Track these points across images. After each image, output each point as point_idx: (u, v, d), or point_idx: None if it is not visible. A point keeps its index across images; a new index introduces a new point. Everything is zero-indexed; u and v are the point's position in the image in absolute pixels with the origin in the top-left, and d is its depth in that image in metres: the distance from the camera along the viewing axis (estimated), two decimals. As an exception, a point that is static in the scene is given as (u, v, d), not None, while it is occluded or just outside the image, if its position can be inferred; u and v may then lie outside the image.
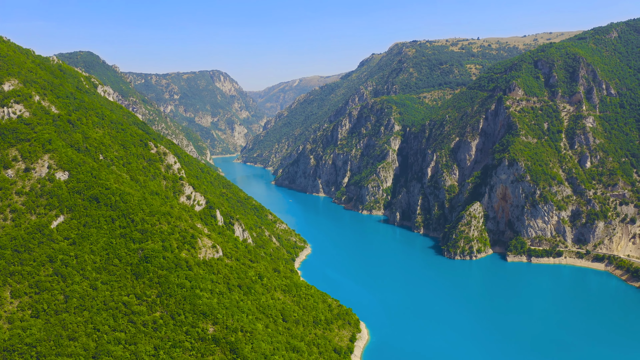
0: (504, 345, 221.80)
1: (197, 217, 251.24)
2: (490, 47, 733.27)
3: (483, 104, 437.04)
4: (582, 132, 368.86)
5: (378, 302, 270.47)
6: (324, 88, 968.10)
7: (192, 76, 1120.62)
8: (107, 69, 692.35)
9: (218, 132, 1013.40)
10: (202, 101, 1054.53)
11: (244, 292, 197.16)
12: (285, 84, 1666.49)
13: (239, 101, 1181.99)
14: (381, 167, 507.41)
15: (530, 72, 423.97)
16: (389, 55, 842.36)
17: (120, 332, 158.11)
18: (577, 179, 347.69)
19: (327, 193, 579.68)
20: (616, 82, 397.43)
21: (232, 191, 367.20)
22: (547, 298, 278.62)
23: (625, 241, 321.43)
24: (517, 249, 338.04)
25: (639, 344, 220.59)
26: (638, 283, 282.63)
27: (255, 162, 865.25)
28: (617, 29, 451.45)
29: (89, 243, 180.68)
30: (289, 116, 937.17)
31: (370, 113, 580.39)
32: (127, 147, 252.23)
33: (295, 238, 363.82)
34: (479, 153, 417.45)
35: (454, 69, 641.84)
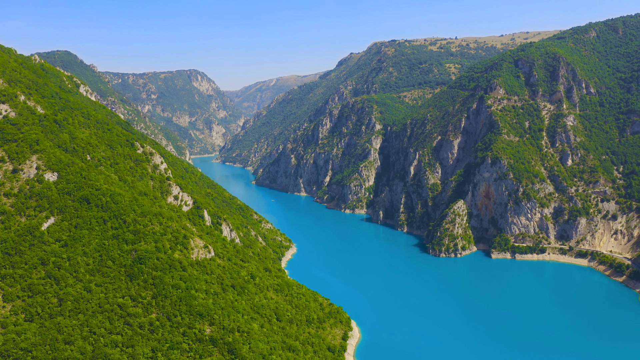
0: (491, 340, 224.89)
1: (185, 217, 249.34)
2: (468, 46, 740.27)
3: (464, 103, 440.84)
4: (563, 131, 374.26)
5: (367, 301, 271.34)
6: (302, 87, 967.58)
7: (170, 76, 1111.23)
8: (85, 68, 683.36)
9: (196, 132, 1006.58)
10: (180, 101, 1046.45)
11: (238, 292, 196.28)
12: (262, 84, 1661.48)
13: (216, 101, 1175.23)
14: (363, 166, 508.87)
15: (510, 72, 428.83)
16: (368, 54, 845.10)
17: (117, 334, 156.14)
18: (559, 176, 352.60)
19: (308, 192, 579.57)
20: (595, 81, 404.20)
21: (217, 191, 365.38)
22: (533, 294, 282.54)
23: (607, 237, 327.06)
24: (501, 245, 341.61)
25: (627, 336, 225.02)
26: (622, 278, 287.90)
27: (235, 162, 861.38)
28: (595, 29, 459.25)
29: (81, 245, 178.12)
30: (267, 115, 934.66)
31: (351, 112, 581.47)
32: (114, 148, 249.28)
33: (280, 237, 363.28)
34: (461, 151, 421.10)
35: (433, 68, 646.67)
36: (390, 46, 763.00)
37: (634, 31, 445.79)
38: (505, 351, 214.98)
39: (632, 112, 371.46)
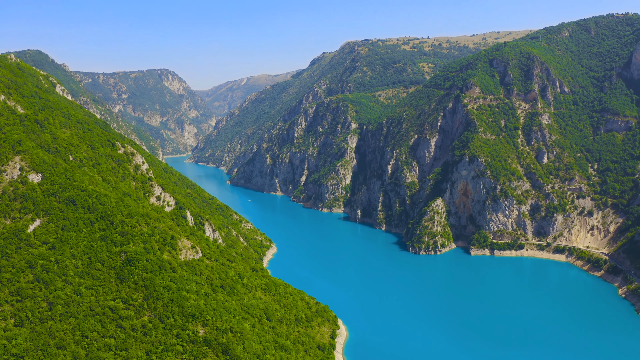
0: (474, 335, 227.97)
1: (168, 218, 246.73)
2: (441, 45, 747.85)
3: (440, 102, 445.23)
4: (538, 129, 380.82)
5: (351, 299, 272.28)
6: (275, 87, 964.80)
7: (140, 75, 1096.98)
8: (56, 67, 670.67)
9: (168, 131, 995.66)
10: (151, 100, 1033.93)
11: (227, 292, 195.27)
12: (233, 83, 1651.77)
13: (187, 100, 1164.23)
14: (340, 165, 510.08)
15: (486, 71, 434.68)
16: (341, 54, 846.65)
17: (110, 338, 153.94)
18: (535, 174, 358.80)
19: (284, 192, 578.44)
20: (569, 80, 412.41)
21: (197, 191, 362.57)
22: (514, 289, 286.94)
23: (583, 233, 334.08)
24: (480, 242, 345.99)
25: (609, 329, 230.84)
26: (599, 272, 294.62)
27: (208, 161, 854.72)
28: (568, 29, 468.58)
29: (69, 247, 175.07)
30: (240, 115, 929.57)
31: (326, 111, 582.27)
32: (95, 148, 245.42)
33: (261, 237, 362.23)
34: (438, 150, 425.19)
35: (407, 67, 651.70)
36: (363, 46, 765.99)
37: (605, 31, 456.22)
38: (488, 346, 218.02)
39: (606, 111, 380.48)
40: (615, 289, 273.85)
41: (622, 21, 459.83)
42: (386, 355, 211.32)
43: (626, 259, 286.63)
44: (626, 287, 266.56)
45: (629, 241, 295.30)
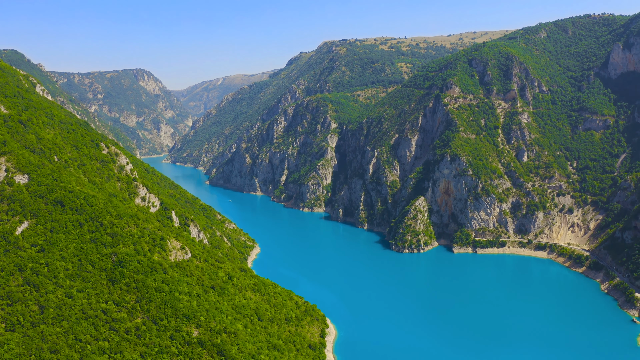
0: (460, 332, 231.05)
1: (154, 219, 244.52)
2: (418, 45, 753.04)
3: (420, 102, 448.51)
4: (518, 128, 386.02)
5: (338, 298, 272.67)
6: (252, 87, 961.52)
7: (116, 75, 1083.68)
8: (32, 67, 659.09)
9: (144, 132, 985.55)
10: (127, 101, 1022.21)
11: (218, 293, 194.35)
12: (209, 83, 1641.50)
13: (163, 100, 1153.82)
14: (320, 164, 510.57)
15: (465, 71, 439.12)
16: (319, 53, 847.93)
17: (103, 341, 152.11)
18: (516, 172, 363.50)
19: (264, 192, 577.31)
20: (547, 80, 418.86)
21: (179, 192, 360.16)
22: (499, 286, 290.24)
23: (564, 230, 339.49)
24: (462, 240, 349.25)
25: (593, 323, 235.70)
26: (581, 269, 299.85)
27: (185, 162, 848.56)
28: (546, 29, 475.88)
29: (58, 249, 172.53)
30: (217, 115, 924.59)
31: (305, 111, 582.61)
32: (80, 148, 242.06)
33: (244, 238, 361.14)
34: (419, 149, 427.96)
35: (385, 67, 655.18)
36: (341, 45, 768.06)
37: (583, 31, 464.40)
38: (474, 342, 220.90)
39: (584, 110, 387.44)
40: (598, 284, 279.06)
41: (598, 22, 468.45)
42: (376, 353, 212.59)
43: (607, 255, 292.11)
44: (608, 283, 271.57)
45: (609, 237, 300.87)
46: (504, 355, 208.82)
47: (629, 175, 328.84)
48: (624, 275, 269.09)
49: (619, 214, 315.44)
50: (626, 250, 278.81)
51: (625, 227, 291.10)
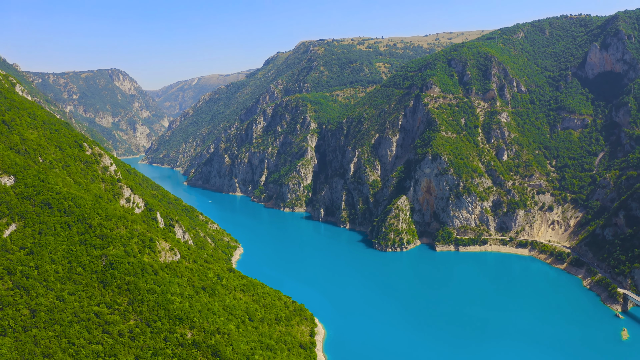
0: (446, 328, 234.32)
1: (139, 220, 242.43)
2: (395, 46, 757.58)
3: (400, 102, 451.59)
4: (497, 127, 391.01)
5: (324, 298, 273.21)
6: (229, 86, 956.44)
7: (91, 75, 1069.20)
8: (8, 67, 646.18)
9: (120, 132, 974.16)
10: (102, 101, 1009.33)
11: (209, 293, 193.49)
12: (184, 83, 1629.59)
13: (139, 100, 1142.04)
14: (301, 164, 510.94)
15: (444, 71, 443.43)
16: (296, 53, 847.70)
17: (97, 344, 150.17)
18: (496, 171, 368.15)
19: (244, 192, 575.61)
20: (526, 80, 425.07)
21: (161, 192, 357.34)
22: (482, 283, 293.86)
23: (545, 227, 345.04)
24: (444, 238, 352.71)
25: (578, 318, 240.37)
26: (563, 265, 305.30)
27: (162, 162, 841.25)
28: (523, 30, 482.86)
29: (47, 252, 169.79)
30: (194, 115, 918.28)
31: (285, 111, 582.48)
32: (63, 149, 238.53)
33: (227, 238, 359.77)
34: (400, 149, 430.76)
35: (364, 67, 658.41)
36: (319, 45, 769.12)
37: (560, 32, 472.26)
38: (460, 338, 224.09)
39: (562, 109, 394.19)
40: (580, 280, 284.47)
41: (575, 22, 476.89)
42: (365, 351, 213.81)
43: (588, 252, 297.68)
44: (590, 279, 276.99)
45: (590, 234, 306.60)
46: (490, 351, 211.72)
47: (607, 173, 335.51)
48: (605, 271, 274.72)
49: (598, 211, 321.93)
50: (607, 247, 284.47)
51: (605, 224, 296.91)
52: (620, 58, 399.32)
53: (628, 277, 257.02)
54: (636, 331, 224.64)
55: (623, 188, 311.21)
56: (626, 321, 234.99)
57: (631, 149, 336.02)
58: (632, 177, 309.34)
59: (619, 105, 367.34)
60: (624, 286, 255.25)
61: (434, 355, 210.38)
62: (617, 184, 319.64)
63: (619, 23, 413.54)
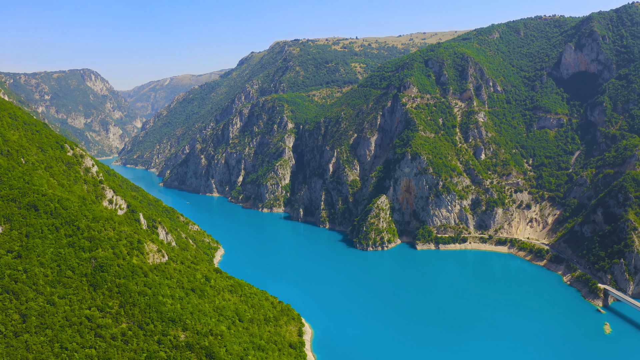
0: (430, 325, 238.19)
1: (125, 221, 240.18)
2: (370, 46, 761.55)
3: (378, 101, 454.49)
4: (475, 127, 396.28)
5: (309, 297, 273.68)
6: (204, 87, 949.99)
7: (63, 75, 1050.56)
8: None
9: (92, 133, 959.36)
10: (75, 101, 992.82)
11: (199, 295, 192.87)
12: (156, 83, 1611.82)
13: (111, 101, 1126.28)
14: (279, 164, 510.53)
15: (421, 71, 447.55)
16: (271, 53, 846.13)
17: (90, 348, 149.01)
18: (475, 170, 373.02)
19: (221, 193, 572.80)
20: (502, 80, 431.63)
21: (142, 194, 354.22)
22: (464, 280, 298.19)
23: (523, 225, 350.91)
24: (424, 237, 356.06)
25: (562, 313, 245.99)
26: (542, 262, 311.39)
27: (136, 164, 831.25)
28: (498, 30, 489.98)
29: (35, 255, 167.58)
30: (168, 116, 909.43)
31: (261, 111, 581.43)
32: (45, 150, 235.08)
33: (208, 239, 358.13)
34: (378, 148, 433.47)
35: (339, 67, 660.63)
36: (294, 45, 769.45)
37: (534, 32, 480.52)
38: (445, 335, 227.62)
39: (538, 109, 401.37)
40: (559, 276, 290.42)
41: (550, 23, 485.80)
42: (353, 350, 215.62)
43: (567, 248, 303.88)
44: (570, 275, 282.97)
45: (569, 231, 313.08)
46: (475, 348, 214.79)
47: (584, 171, 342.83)
48: (585, 267, 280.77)
49: (576, 208, 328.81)
50: (586, 243, 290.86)
51: (584, 221, 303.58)
52: (594, 58, 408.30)
53: (608, 273, 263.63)
54: (618, 325, 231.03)
55: (600, 186, 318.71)
56: (608, 316, 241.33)
57: (607, 147, 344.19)
58: (609, 175, 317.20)
59: (594, 104, 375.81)
60: (604, 282, 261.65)
61: (418, 351, 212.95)
62: (594, 181, 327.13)
63: (593, 24, 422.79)
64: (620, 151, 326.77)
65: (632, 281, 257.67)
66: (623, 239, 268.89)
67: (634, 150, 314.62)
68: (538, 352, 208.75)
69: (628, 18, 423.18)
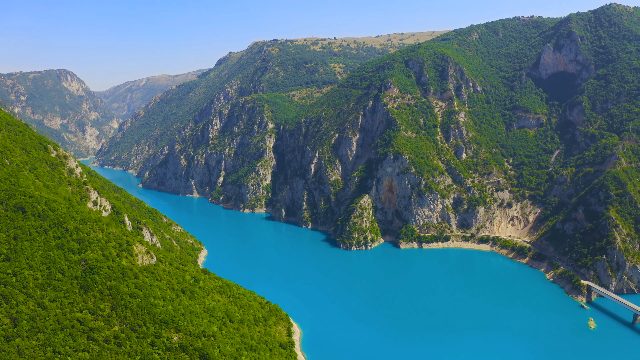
0: (415, 322, 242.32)
1: (113, 223, 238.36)
2: (349, 46, 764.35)
3: (359, 102, 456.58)
4: (456, 126, 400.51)
5: (295, 297, 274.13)
6: (181, 87, 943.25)
7: (39, 76, 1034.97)
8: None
9: (69, 134, 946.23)
10: (51, 102, 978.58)
11: (189, 296, 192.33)
12: (132, 84, 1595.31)
13: (87, 102, 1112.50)
14: (260, 165, 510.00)
15: (402, 71, 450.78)
16: (249, 53, 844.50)
17: (83, 352, 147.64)
18: (456, 169, 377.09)
19: (201, 194, 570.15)
20: (481, 80, 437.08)
21: (124, 195, 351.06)
22: (448, 278, 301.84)
23: (504, 223, 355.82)
24: (407, 236, 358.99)
25: (547, 310, 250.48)
26: (525, 259, 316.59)
27: (114, 165, 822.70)
28: (477, 31, 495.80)
29: (24, 258, 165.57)
30: (146, 116, 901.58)
31: (241, 112, 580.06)
32: (29, 151, 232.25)
33: (191, 240, 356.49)
34: (360, 148, 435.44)
35: (319, 67, 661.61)
36: (273, 46, 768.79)
37: (513, 33, 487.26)
38: (431, 332, 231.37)
39: (517, 108, 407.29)
40: (542, 274, 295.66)
41: (528, 24, 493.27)
42: (341, 348, 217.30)
43: (549, 246, 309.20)
44: (553, 272, 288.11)
45: (550, 229, 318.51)
46: (461, 344, 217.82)
47: (564, 170, 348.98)
48: (567, 264, 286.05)
49: (556, 207, 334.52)
50: (568, 241, 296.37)
51: (565, 218, 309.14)
52: (573, 59, 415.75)
53: (591, 270, 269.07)
54: (602, 321, 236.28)
55: (581, 184, 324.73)
56: (592, 311, 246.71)
57: (586, 146, 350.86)
58: (589, 173, 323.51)
59: (573, 104, 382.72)
60: (587, 278, 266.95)
61: (405, 348, 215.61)
62: (574, 180, 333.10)
63: (571, 25, 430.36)
64: (600, 150, 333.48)
65: (615, 277, 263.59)
66: (605, 236, 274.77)
67: (613, 149, 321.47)
68: (525, 348, 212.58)
69: (606, 19, 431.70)
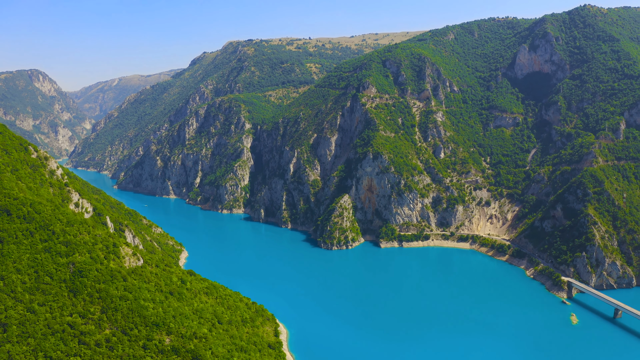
0: (400, 321, 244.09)
1: (98, 225, 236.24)
2: (324, 46, 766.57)
3: (337, 102, 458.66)
4: (433, 126, 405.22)
5: (279, 298, 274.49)
6: (155, 87, 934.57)
7: (10, 76, 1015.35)
8: None
9: (41, 135, 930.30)
10: (23, 103, 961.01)
11: (177, 297, 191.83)
12: (104, 84, 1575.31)
13: (59, 102, 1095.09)
14: (237, 165, 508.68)
15: (380, 71, 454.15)
16: (224, 53, 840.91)
17: (75, 356, 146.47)
18: (435, 168, 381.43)
19: (178, 195, 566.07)
20: (458, 80, 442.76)
21: (103, 197, 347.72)
22: (430, 277, 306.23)
23: (483, 222, 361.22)
24: (388, 235, 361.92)
25: (529, 306, 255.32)
26: (505, 257, 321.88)
27: (88, 166, 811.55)
28: (453, 32, 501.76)
29: (11, 261, 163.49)
30: (119, 117, 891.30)
31: (218, 112, 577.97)
32: (10, 152, 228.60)
33: (172, 242, 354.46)
34: (339, 148, 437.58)
35: (295, 68, 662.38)
36: (248, 46, 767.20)
37: (488, 34, 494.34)
38: (416, 330, 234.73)
39: (494, 108, 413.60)
40: (522, 271, 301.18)
41: (503, 25, 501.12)
42: (328, 348, 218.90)
43: (529, 243, 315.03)
44: (533, 269, 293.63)
45: (529, 227, 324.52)
46: (445, 342, 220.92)
47: (541, 168, 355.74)
48: (547, 261, 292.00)
49: (534, 205, 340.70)
50: (547, 238, 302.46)
51: (544, 216, 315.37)
52: (548, 59, 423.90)
53: (570, 266, 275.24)
54: (584, 316, 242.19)
55: (558, 182, 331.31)
56: (573, 307, 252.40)
57: (562, 145, 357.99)
58: (567, 171, 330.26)
59: (548, 104, 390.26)
60: (567, 274, 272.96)
61: (388, 345, 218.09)
62: (552, 178, 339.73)
63: (546, 26, 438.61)
64: (577, 149, 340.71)
65: (594, 273, 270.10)
66: (584, 233, 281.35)
67: (590, 148, 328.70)
68: (510, 344, 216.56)
69: (580, 20, 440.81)
